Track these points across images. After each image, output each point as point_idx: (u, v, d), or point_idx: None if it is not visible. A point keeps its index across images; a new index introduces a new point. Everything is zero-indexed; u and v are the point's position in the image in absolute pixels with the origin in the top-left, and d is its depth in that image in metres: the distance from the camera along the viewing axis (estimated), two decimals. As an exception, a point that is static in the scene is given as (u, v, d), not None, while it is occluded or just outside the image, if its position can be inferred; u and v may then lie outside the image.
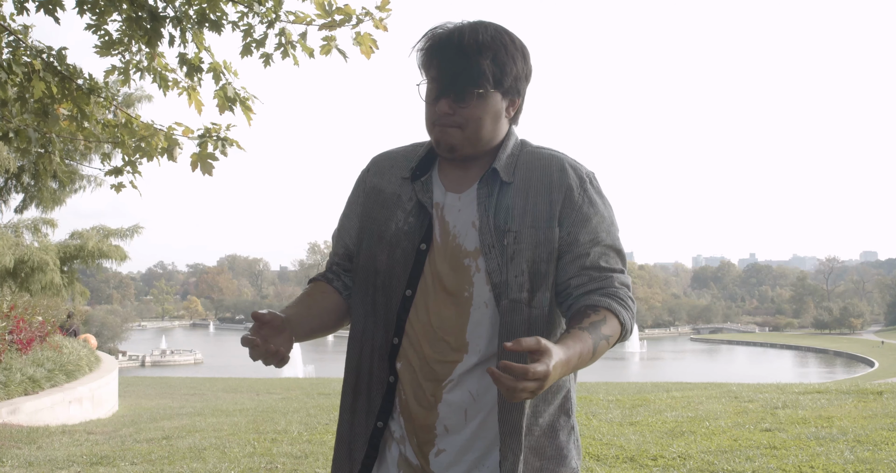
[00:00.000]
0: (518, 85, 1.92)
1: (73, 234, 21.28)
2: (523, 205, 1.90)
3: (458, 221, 1.93)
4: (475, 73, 1.84)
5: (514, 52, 1.89)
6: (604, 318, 1.83)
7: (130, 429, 9.85)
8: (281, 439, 8.13)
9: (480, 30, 1.87)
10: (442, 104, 1.87)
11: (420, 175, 1.99)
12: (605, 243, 1.92)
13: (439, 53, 1.86)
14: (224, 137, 5.59)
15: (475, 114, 1.87)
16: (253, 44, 5.47)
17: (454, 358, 1.88)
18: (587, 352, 1.75)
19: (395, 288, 1.94)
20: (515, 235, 1.88)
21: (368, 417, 1.95)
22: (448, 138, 1.90)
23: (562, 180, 1.93)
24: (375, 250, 1.98)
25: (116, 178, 5.89)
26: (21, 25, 5.42)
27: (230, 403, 14.46)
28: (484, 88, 1.85)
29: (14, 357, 12.40)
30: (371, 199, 2.04)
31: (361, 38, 5.18)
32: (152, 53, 5.55)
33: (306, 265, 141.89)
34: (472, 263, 1.90)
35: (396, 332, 1.93)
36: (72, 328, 20.25)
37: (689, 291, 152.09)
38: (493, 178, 1.93)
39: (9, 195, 20.07)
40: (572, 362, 1.69)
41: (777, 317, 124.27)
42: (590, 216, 1.92)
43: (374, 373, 1.95)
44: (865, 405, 8.51)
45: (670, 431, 7.47)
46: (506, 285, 1.87)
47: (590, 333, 1.78)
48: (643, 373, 59.52)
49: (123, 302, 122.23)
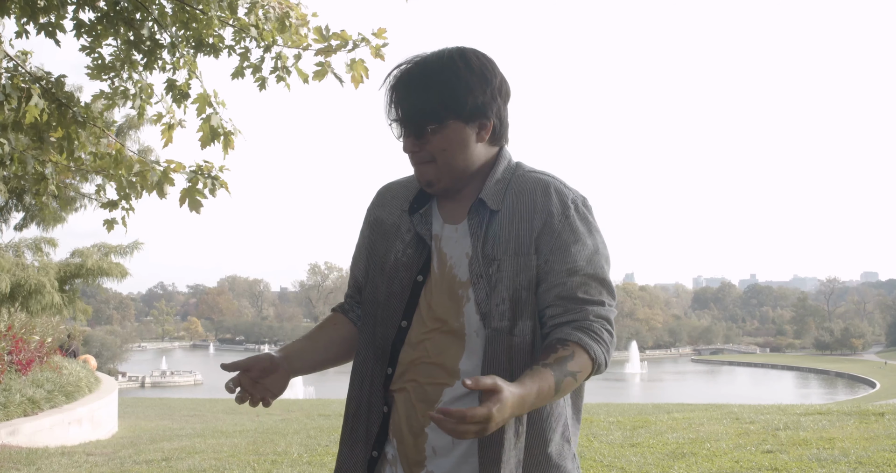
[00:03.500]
0: (482, 108, 1.89)
1: (74, 252, 21.32)
2: (508, 232, 1.90)
3: (455, 252, 1.93)
4: (424, 108, 1.85)
5: (468, 77, 1.87)
6: (571, 353, 1.80)
7: (130, 451, 9.82)
8: (281, 460, 8.10)
9: (430, 62, 1.88)
10: (406, 143, 1.91)
11: (418, 208, 2.00)
12: (585, 272, 1.87)
13: (395, 93, 1.89)
14: (215, 177, 5.59)
15: (439, 147, 1.88)
16: (250, 68, 5.50)
17: (445, 381, 1.89)
18: (547, 390, 1.73)
19: (391, 319, 1.96)
20: (499, 263, 1.88)
21: (366, 447, 1.96)
22: (423, 175, 1.93)
23: (543, 204, 1.90)
24: (378, 281, 2.00)
25: (111, 212, 5.86)
26: (20, 51, 5.46)
27: (230, 424, 14.42)
28: (437, 121, 1.86)
29: (13, 378, 12.38)
30: (374, 231, 2.07)
31: (355, 64, 5.21)
32: (142, 81, 5.57)
33: (307, 286, 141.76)
34: (464, 293, 1.90)
35: (390, 362, 1.94)
36: (71, 348, 20.20)
37: (690, 312, 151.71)
38: (482, 207, 1.92)
39: (9, 214, 20.13)
40: (528, 400, 1.70)
41: (778, 338, 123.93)
42: (569, 244, 1.88)
43: (372, 403, 1.97)
44: (867, 427, 8.48)
45: (671, 452, 7.45)
46: (489, 314, 1.87)
47: (552, 370, 1.76)
48: (644, 394, 59.37)
49: (123, 323, 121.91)
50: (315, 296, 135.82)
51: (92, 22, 5.25)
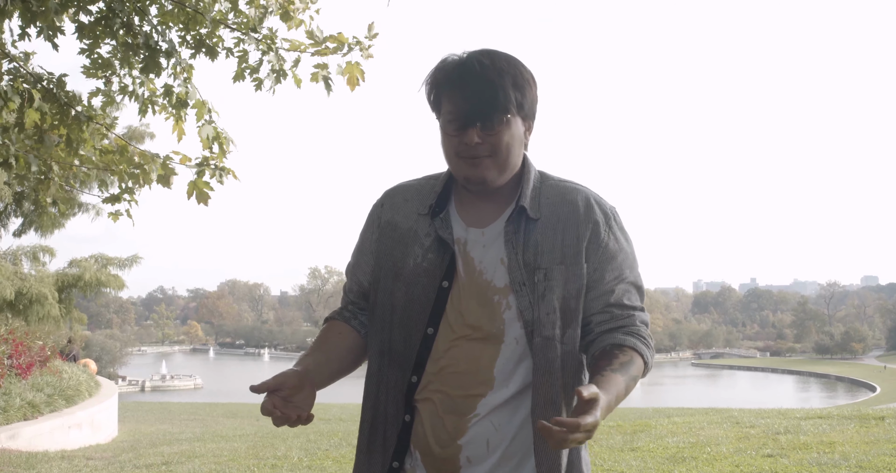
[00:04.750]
0: (534, 109, 1.92)
1: (72, 262, 21.27)
2: (552, 241, 1.89)
3: (485, 257, 1.90)
4: (503, 98, 1.83)
5: (528, 77, 1.90)
6: (631, 358, 1.84)
7: (130, 455, 9.80)
8: (281, 465, 8.09)
9: (495, 56, 1.87)
10: (471, 134, 1.84)
11: (438, 211, 1.96)
12: (629, 279, 1.93)
13: (461, 83, 1.84)
14: (222, 167, 5.60)
15: (503, 140, 1.86)
16: (247, 70, 5.51)
17: (479, 392, 1.86)
18: (622, 394, 1.77)
19: (414, 326, 1.91)
20: (545, 272, 1.87)
21: (384, 457, 1.93)
22: (479, 171, 1.87)
23: (588, 215, 1.92)
24: (392, 286, 1.95)
25: (114, 206, 5.90)
26: (22, 52, 5.47)
27: (230, 428, 14.41)
28: (511, 112, 1.85)
29: (13, 382, 12.36)
30: (386, 234, 2.01)
31: (350, 67, 5.22)
32: (144, 79, 5.57)
33: (307, 290, 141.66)
34: (502, 300, 1.88)
35: (415, 370, 1.90)
36: (71, 352, 20.19)
37: (690, 316, 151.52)
38: (520, 215, 1.91)
39: (8, 220, 20.12)
40: (612, 406, 1.73)
41: (778, 342, 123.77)
42: (615, 253, 1.92)
43: (390, 412, 1.93)
44: (867, 431, 8.47)
45: (672, 457, 7.44)
46: (538, 322, 1.85)
47: (621, 375, 1.79)
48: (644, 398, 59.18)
49: (123, 327, 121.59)
50: (315, 300, 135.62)
51: (91, 23, 5.25)
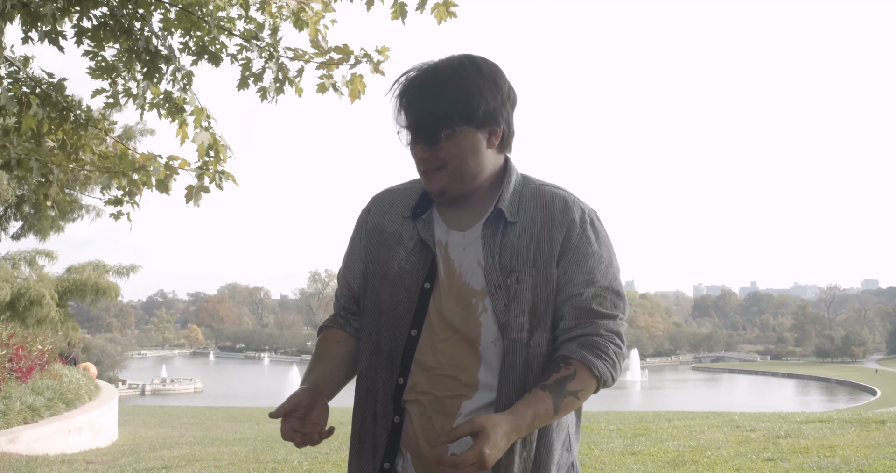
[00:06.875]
0: (493, 114, 1.89)
1: (70, 269, 21.25)
2: (527, 244, 1.90)
3: (464, 259, 1.92)
4: (439, 114, 1.84)
5: (480, 83, 1.87)
6: (573, 372, 1.84)
7: (130, 459, 9.80)
8: (281, 469, 8.08)
9: (441, 68, 1.88)
10: (417, 150, 1.89)
11: (420, 213, 1.98)
12: (600, 284, 1.90)
13: (405, 99, 1.87)
14: (222, 171, 5.60)
15: (451, 153, 1.87)
16: (251, 78, 5.50)
17: (463, 393, 1.88)
18: (544, 413, 1.78)
19: (399, 328, 1.93)
20: (518, 275, 1.87)
21: (375, 458, 1.94)
22: (434, 183, 1.91)
23: (563, 218, 1.91)
24: (379, 289, 1.97)
25: (116, 207, 5.90)
26: (22, 56, 5.46)
27: (230, 432, 14.40)
28: (450, 127, 1.85)
29: (13, 386, 12.37)
30: (373, 239, 2.03)
31: (354, 78, 5.20)
32: (149, 84, 5.57)
33: (307, 294, 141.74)
34: (479, 302, 1.89)
35: (401, 372, 1.92)
36: (71, 356, 20.21)
37: (690, 319, 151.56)
38: (498, 218, 1.92)
39: (7, 223, 20.11)
40: (523, 426, 1.76)
41: (778, 346, 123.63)
42: (586, 256, 1.90)
43: (379, 414, 1.94)
44: (868, 435, 8.47)
45: (672, 461, 7.44)
46: (507, 325, 1.86)
47: (550, 391, 1.80)
48: (644, 402, 59.24)
49: (123, 331, 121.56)
50: (315, 304, 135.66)
51: (94, 27, 5.25)
